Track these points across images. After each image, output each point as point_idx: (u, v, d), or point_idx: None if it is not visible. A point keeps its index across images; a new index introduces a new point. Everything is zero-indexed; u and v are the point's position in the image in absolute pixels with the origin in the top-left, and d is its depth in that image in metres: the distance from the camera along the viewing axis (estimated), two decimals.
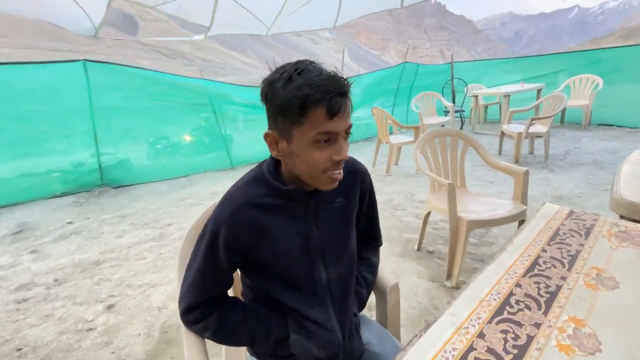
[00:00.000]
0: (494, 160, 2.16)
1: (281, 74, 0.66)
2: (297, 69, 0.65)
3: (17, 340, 1.75)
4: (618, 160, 3.89)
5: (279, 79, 0.65)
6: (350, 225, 0.85)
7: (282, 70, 0.67)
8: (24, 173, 3.82)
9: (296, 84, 0.64)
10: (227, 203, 0.74)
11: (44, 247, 2.79)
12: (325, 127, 0.65)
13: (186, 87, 4.64)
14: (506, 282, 0.79)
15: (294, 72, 0.65)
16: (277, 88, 0.65)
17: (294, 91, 0.63)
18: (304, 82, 0.63)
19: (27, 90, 3.66)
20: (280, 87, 0.65)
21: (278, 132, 0.69)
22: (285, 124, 0.67)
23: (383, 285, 1.00)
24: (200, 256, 0.75)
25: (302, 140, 0.67)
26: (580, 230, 1.01)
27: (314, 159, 0.68)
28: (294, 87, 0.64)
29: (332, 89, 0.64)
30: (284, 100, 0.64)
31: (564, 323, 0.67)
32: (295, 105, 0.64)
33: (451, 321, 0.68)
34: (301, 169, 0.71)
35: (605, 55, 5.61)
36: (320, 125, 0.65)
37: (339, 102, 0.65)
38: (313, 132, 0.65)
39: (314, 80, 0.63)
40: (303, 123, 0.65)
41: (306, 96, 0.63)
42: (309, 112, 0.64)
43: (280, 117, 0.67)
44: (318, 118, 0.64)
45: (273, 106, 0.67)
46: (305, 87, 0.63)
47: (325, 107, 0.64)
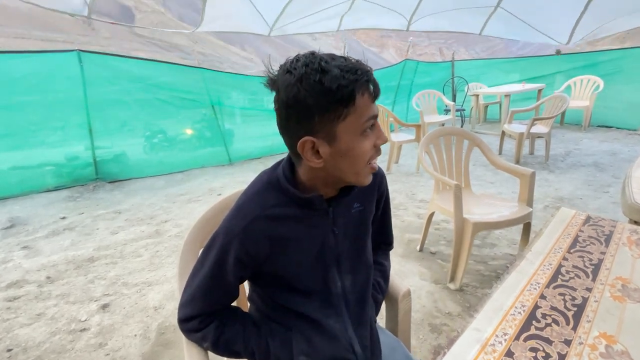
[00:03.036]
0: (500, 160, 2.12)
1: (305, 68, 0.57)
2: (320, 59, 0.58)
3: (7, 341, 1.68)
4: (618, 162, 3.88)
5: (307, 75, 0.56)
6: (367, 232, 0.81)
7: (300, 65, 0.58)
8: (16, 166, 3.72)
9: (334, 74, 0.56)
10: (240, 215, 0.68)
11: (36, 243, 2.71)
12: (372, 112, 0.61)
13: (184, 80, 4.55)
14: (530, 294, 0.74)
15: (320, 63, 0.57)
16: (311, 84, 0.56)
17: (337, 81, 0.56)
18: (340, 70, 0.56)
19: (20, 81, 3.55)
20: (316, 82, 0.56)
21: (317, 136, 0.61)
22: (326, 123, 0.59)
23: (395, 292, 0.95)
24: (207, 268, 0.69)
25: (349, 133, 0.60)
26: (600, 238, 0.97)
27: (363, 150, 0.62)
28: (333, 77, 0.56)
29: (370, 71, 0.60)
30: (326, 94, 0.56)
31: (595, 340, 0.63)
32: (342, 96, 0.57)
33: (476, 337, 0.63)
34: (345, 169, 0.64)
35: (603, 57, 5.60)
36: (368, 111, 0.60)
37: (377, 83, 0.61)
38: (362, 120, 0.60)
39: (349, 66, 0.58)
40: (349, 114, 0.59)
41: (353, 82, 0.57)
42: (356, 100, 0.58)
43: (319, 116, 0.59)
44: (365, 104, 0.60)
45: (307, 107, 0.58)
46: (346, 73, 0.56)
47: (369, 91, 0.60)
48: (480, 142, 2.17)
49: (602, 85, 5.08)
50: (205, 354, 0.76)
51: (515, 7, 3.71)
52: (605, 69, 5.41)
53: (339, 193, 0.72)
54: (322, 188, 0.69)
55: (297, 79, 0.57)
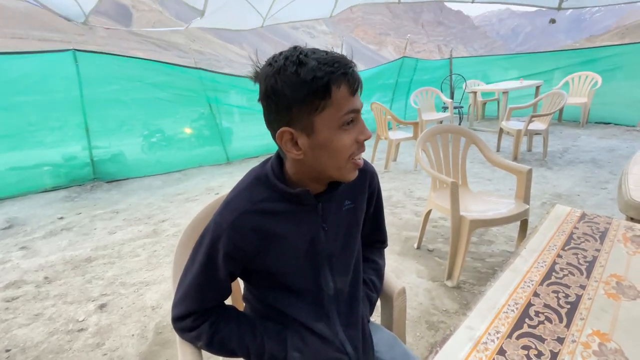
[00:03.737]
0: (497, 158, 2.12)
1: (284, 60, 0.58)
2: (300, 52, 0.59)
3: (5, 341, 1.68)
4: (616, 158, 3.88)
5: (285, 67, 0.58)
6: (357, 230, 0.80)
7: (283, 57, 0.59)
8: (13, 166, 3.71)
9: (311, 66, 0.57)
10: (228, 210, 0.68)
11: (34, 243, 2.71)
12: (351, 105, 0.61)
13: (182, 79, 4.54)
14: (523, 291, 0.74)
15: (299, 56, 0.58)
16: (288, 75, 0.57)
17: (312, 72, 0.57)
18: (317, 63, 0.57)
19: (16, 81, 3.54)
20: (292, 74, 0.57)
21: (295, 127, 0.61)
22: (303, 114, 0.60)
23: (390, 290, 0.95)
24: (198, 264, 0.69)
25: (327, 126, 0.60)
26: (595, 235, 0.97)
27: (342, 144, 0.62)
28: (310, 68, 0.57)
29: (347, 64, 0.59)
30: (301, 85, 0.57)
31: (588, 337, 0.63)
32: (318, 87, 0.57)
33: (468, 335, 0.63)
34: (326, 163, 0.64)
35: (602, 53, 5.60)
36: (346, 104, 0.60)
37: (356, 76, 0.60)
38: (340, 113, 0.60)
39: (327, 58, 0.58)
40: (326, 107, 0.59)
41: (329, 74, 0.57)
42: (332, 93, 0.58)
43: (296, 108, 0.59)
44: (343, 97, 0.59)
45: (284, 98, 0.59)
46: (323, 66, 0.57)
47: (347, 84, 0.59)
48: (477, 139, 2.17)
49: (600, 82, 5.07)
50: (199, 353, 0.76)
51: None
52: (604, 65, 5.40)
53: (327, 188, 0.72)
54: (309, 183, 0.69)
55: (275, 70, 0.58)
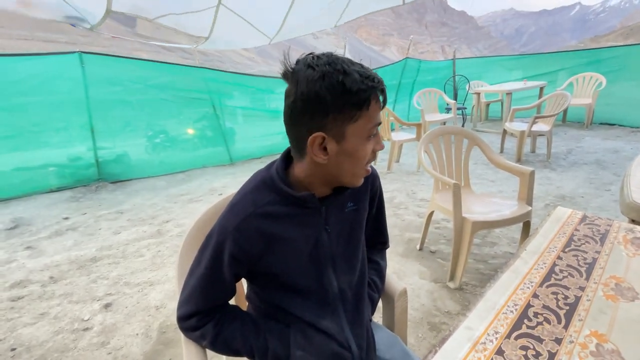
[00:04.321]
0: (499, 159, 2.12)
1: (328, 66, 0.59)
2: (343, 61, 0.61)
3: (11, 340, 1.71)
4: (620, 160, 3.87)
5: (330, 73, 0.59)
6: (360, 231, 0.82)
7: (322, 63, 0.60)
8: (19, 167, 3.76)
9: (355, 78, 0.59)
10: (234, 212, 0.70)
11: (39, 243, 2.74)
12: (379, 119, 0.66)
13: (185, 80, 4.57)
14: (522, 293, 0.75)
15: (343, 64, 0.60)
16: (333, 84, 0.59)
17: (357, 85, 0.59)
18: (360, 75, 0.60)
19: (22, 82, 3.59)
20: (338, 83, 0.59)
21: (328, 133, 0.63)
22: (339, 122, 0.62)
23: (391, 290, 0.96)
24: (203, 265, 0.71)
25: (357, 136, 0.64)
26: (595, 236, 0.97)
27: (365, 153, 0.67)
28: (354, 80, 0.59)
29: (382, 81, 0.64)
30: (345, 95, 0.59)
31: (586, 338, 0.63)
32: (359, 99, 0.61)
33: (467, 336, 0.64)
34: (345, 169, 0.68)
35: (607, 54, 5.57)
36: (375, 117, 0.65)
37: (386, 93, 0.65)
38: (370, 125, 0.64)
39: (367, 73, 0.61)
40: (360, 117, 0.62)
41: (371, 88, 0.61)
42: (370, 105, 0.62)
43: (333, 115, 0.61)
44: (375, 110, 0.64)
45: (325, 104, 0.60)
46: (365, 79, 0.60)
47: (379, 99, 0.64)
48: (479, 141, 2.17)
49: (605, 83, 5.05)
50: (203, 352, 0.77)
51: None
52: (609, 66, 5.38)
53: (332, 192, 0.74)
54: (317, 187, 0.71)
55: (320, 75, 0.59)
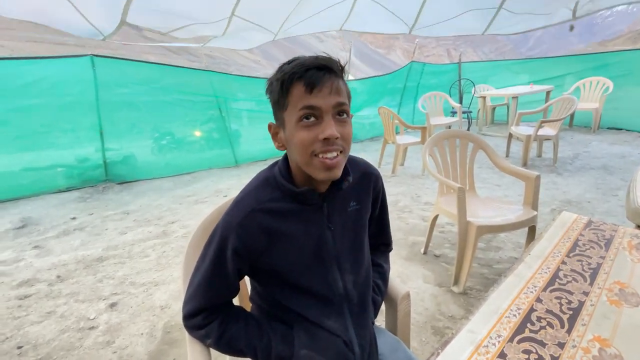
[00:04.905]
0: (505, 163, 2.11)
1: (278, 67, 0.69)
2: (292, 60, 0.68)
3: (18, 338, 1.73)
4: (628, 165, 3.83)
5: (275, 72, 0.69)
6: (363, 231, 0.82)
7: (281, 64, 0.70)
8: (28, 167, 3.81)
9: (284, 69, 0.67)
10: (237, 209, 0.72)
11: (47, 242, 2.78)
12: (305, 102, 0.64)
13: (192, 83, 4.62)
14: (526, 297, 0.75)
15: (285, 64, 0.68)
16: (272, 78, 0.69)
17: (282, 75, 0.66)
18: (289, 67, 0.66)
19: (35, 84, 3.65)
20: (273, 77, 0.69)
21: (276, 122, 0.72)
22: (278, 111, 0.70)
23: (394, 294, 0.96)
24: (208, 262, 0.72)
25: (290, 122, 0.67)
26: (600, 242, 0.97)
27: (301, 139, 0.65)
28: (282, 71, 0.67)
29: (309, 64, 0.64)
30: (275, 86, 0.68)
31: (589, 343, 0.63)
32: (280, 87, 0.66)
33: (469, 339, 0.65)
34: (296, 158, 0.69)
35: (614, 58, 5.52)
36: (301, 101, 0.64)
37: (315, 74, 0.64)
38: (296, 109, 0.65)
39: (299, 62, 0.66)
40: (287, 104, 0.66)
41: (289, 74, 0.65)
42: (289, 90, 0.65)
43: (275, 106, 0.70)
44: (298, 94, 0.65)
45: (270, 97, 0.71)
46: (291, 68, 0.65)
47: (302, 81, 0.64)
48: (485, 145, 2.17)
49: (612, 87, 5.01)
50: (207, 351, 0.78)
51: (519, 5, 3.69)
52: (616, 71, 5.34)
53: (330, 188, 0.75)
54: (314, 181, 0.73)
55: (271, 75, 0.70)
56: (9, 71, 3.54)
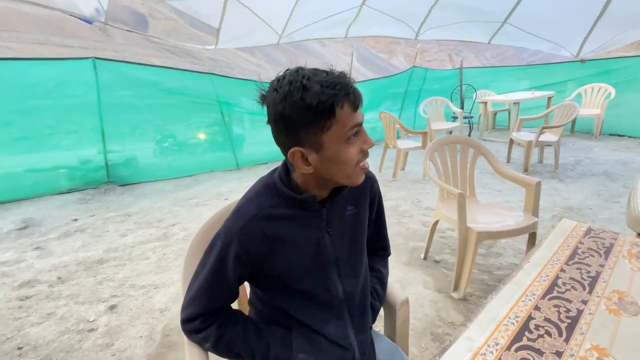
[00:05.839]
0: (505, 169, 2.12)
1: (289, 86, 0.63)
2: (303, 76, 0.63)
3: (18, 339, 1.74)
4: (630, 171, 3.82)
5: (291, 92, 0.62)
6: (363, 236, 0.83)
7: (285, 83, 0.64)
8: (31, 168, 3.83)
9: (315, 90, 0.61)
10: (239, 215, 0.72)
11: (48, 243, 2.79)
12: (354, 121, 0.66)
13: (194, 85, 4.65)
14: (524, 305, 0.75)
15: (302, 80, 0.62)
16: (295, 101, 0.62)
17: (317, 97, 0.61)
18: (320, 86, 0.62)
19: (37, 86, 3.67)
20: (299, 100, 0.62)
21: (304, 146, 0.66)
22: (311, 135, 0.65)
23: (393, 300, 0.96)
24: (208, 268, 0.73)
25: (334, 142, 0.66)
26: (600, 250, 0.97)
27: (350, 155, 0.67)
28: (313, 93, 0.61)
29: (347, 83, 0.64)
30: (308, 110, 0.62)
31: (587, 352, 0.63)
32: (322, 110, 0.62)
33: (467, 346, 0.65)
34: (336, 172, 0.69)
35: (617, 64, 5.53)
36: (349, 121, 0.65)
37: (355, 93, 0.65)
38: (345, 130, 0.65)
39: (329, 80, 0.63)
40: (332, 126, 0.64)
41: (333, 97, 0.62)
42: (336, 113, 0.63)
43: (304, 130, 0.65)
44: (346, 115, 0.64)
45: (293, 122, 0.64)
46: (325, 89, 0.62)
47: (349, 103, 0.64)
48: (485, 150, 2.17)
49: (614, 94, 5.01)
50: (206, 355, 0.78)
51: (523, 22, 3.71)
52: (618, 77, 5.34)
53: (330, 194, 0.76)
54: (315, 190, 0.73)
55: (282, 97, 0.63)
56: (13, 72, 3.57)
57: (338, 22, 4.10)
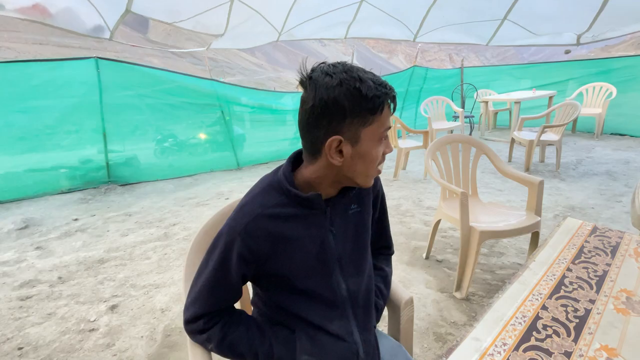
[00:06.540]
0: (507, 168, 2.10)
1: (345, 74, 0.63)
2: (357, 69, 0.65)
3: (18, 339, 1.73)
4: (632, 171, 3.81)
5: (348, 81, 0.63)
6: (366, 234, 0.82)
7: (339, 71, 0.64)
8: (32, 168, 3.83)
9: (370, 85, 0.64)
10: (242, 213, 0.71)
11: (49, 243, 2.78)
12: (389, 123, 0.70)
13: (195, 86, 4.64)
14: (531, 304, 0.74)
15: (358, 72, 0.64)
16: (351, 90, 0.63)
17: (373, 91, 0.63)
18: (373, 83, 0.64)
19: (39, 86, 3.67)
20: (355, 89, 0.63)
21: (344, 136, 0.66)
22: (354, 126, 0.66)
23: (397, 299, 0.96)
24: (211, 267, 0.72)
25: (370, 139, 0.68)
26: (606, 249, 0.96)
27: (377, 155, 0.70)
28: (369, 87, 0.63)
29: (392, 87, 0.68)
30: (362, 100, 0.63)
31: (596, 352, 0.62)
32: (375, 104, 0.64)
33: (474, 347, 0.64)
34: (359, 170, 0.71)
35: (618, 63, 5.52)
36: (387, 122, 0.69)
37: (396, 99, 0.69)
38: (382, 129, 0.68)
39: (379, 80, 0.65)
40: (374, 122, 0.66)
41: (384, 95, 0.65)
42: (383, 110, 0.66)
43: (350, 119, 0.65)
44: (386, 115, 0.68)
45: (342, 109, 0.64)
46: (378, 86, 0.64)
47: (390, 104, 0.68)
48: (487, 149, 2.16)
49: (615, 93, 5.00)
50: (208, 355, 0.78)
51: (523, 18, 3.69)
52: (619, 76, 5.33)
53: (338, 194, 0.76)
54: (324, 188, 0.73)
55: (338, 82, 0.63)
56: (14, 74, 3.56)
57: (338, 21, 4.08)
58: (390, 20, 3.98)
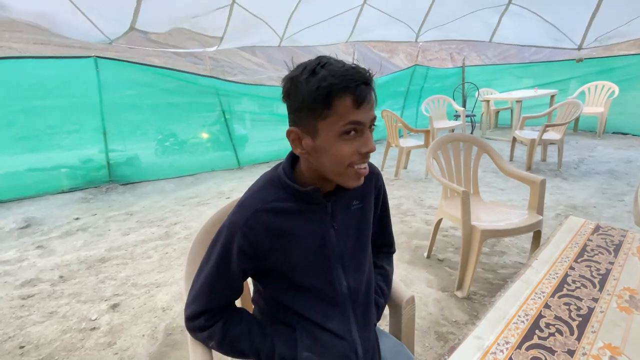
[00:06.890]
0: (509, 167, 2.10)
1: (303, 68, 0.64)
2: (319, 62, 0.64)
3: (20, 338, 1.73)
4: (634, 170, 3.79)
5: (302, 74, 0.64)
6: (368, 231, 0.82)
7: (304, 65, 0.65)
8: (32, 167, 3.83)
9: (320, 76, 0.62)
10: (243, 209, 0.71)
11: (50, 242, 2.78)
12: (352, 117, 0.63)
13: (195, 86, 4.64)
14: (534, 303, 0.74)
15: (316, 66, 0.63)
16: (301, 82, 0.63)
17: (318, 82, 0.62)
18: (328, 73, 0.62)
19: (38, 85, 3.67)
20: (304, 81, 0.63)
21: (302, 128, 0.67)
22: (310, 118, 0.65)
23: (398, 298, 0.95)
24: (212, 263, 0.72)
25: (328, 133, 0.65)
26: (609, 247, 0.95)
27: (341, 152, 0.65)
28: (318, 79, 0.62)
29: (357, 78, 0.62)
30: (308, 93, 0.63)
31: (599, 351, 0.62)
32: (321, 97, 0.62)
33: (477, 345, 0.63)
34: (326, 165, 0.68)
35: (620, 62, 5.49)
36: (347, 116, 0.63)
37: (364, 91, 0.63)
38: (340, 123, 0.64)
39: (338, 71, 0.62)
40: (329, 115, 0.64)
41: (331, 85, 0.61)
42: (335, 103, 0.62)
43: (304, 112, 0.65)
44: (345, 108, 0.63)
45: (296, 101, 0.65)
46: (329, 77, 0.61)
47: (351, 96, 0.62)
48: (489, 148, 2.16)
49: (617, 92, 4.98)
50: (209, 354, 0.77)
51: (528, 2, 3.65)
52: (621, 75, 5.31)
53: (336, 188, 0.75)
54: (320, 181, 0.73)
55: (293, 76, 0.65)
56: (14, 72, 3.56)
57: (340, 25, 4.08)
58: (392, 21, 3.97)
